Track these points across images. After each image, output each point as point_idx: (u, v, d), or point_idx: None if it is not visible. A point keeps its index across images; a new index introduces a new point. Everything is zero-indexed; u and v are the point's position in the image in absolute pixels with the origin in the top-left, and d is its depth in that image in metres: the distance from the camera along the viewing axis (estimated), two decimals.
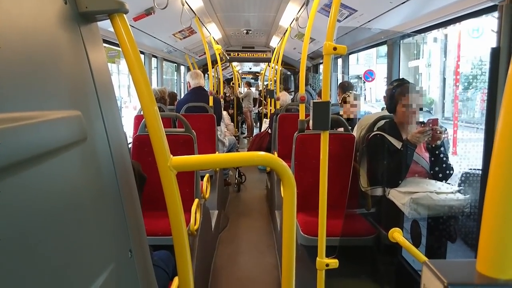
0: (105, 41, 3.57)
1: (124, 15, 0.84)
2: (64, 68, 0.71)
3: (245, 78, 16.14)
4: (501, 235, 0.52)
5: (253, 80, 17.36)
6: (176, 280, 1.56)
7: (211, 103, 4.35)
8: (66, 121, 0.66)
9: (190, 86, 4.51)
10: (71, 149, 0.66)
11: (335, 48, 1.58)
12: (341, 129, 3.02)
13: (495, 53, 1.83)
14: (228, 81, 13.27)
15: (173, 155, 0.90)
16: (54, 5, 0.70)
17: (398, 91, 2.40)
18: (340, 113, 3.46)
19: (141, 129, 2.84)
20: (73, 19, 0.76)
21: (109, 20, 0.84)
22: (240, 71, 15.67)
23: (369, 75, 7.61)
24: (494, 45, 1.86)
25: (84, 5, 0.78)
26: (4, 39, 0.54)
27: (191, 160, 0.94)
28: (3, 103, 0.51)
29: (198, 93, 4.44)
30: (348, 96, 3.50)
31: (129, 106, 9.13)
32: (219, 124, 4.47)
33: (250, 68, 16.25)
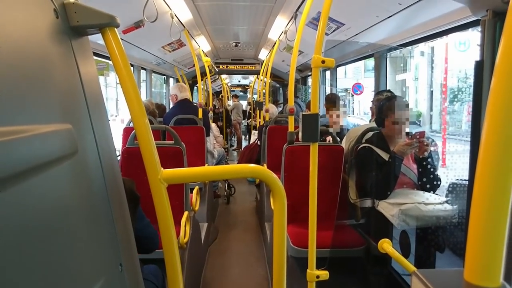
0: (94, 54, 3.56)
1: (115, 29, 0.85)
2: (55, 81, 0.71)
3: (234, 91, 16.19)
4: (487, 244, 0.53)
5: (242, 93, 17.43)
6: None
7: (200, 115, 4.35)
8: (56, 135, 0.66)
9: (176, 99, 4.49)
10: (61, 163, 0.66)
11: (323, 61, 1.61)
12: (329, 138, 3.05)
13: (479, 66, 1.88)
14: (217, 93, 13.31)
15: (163, 168, 0.90)
16: (45, 19, 0.71)
17: (387, 106, 2.44)
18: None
19: (130, 141, 2.82)
20: (64, 33, 0.77)
21: (99, 33, 0.85)
22: (229, 84, 15.73)
23: (357, 88, 7.68)
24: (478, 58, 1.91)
25: (75, 19, 0.78)
26: None
27: (181, 172, 0.94)
28: None
29: (186, 105, 4.44)
30: (331, 109, 3.55)
31: (116, 119, 9.05)
32: (208, 135, 4.46)
33: (239, 81, 16.33)
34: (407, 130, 2.38)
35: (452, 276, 0.56)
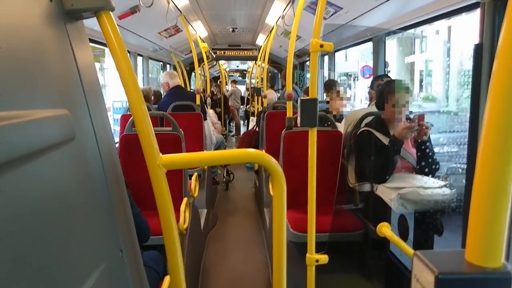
0: (90, 40, 3.53)
1: (110, 12, 0.84)
2: (50, 66, 0.70)
3: (232, 76, 16.10)
4: (488, 225, 0.53)
5: (240, 78, 17.31)
6: (167, 280, 1.55)
7: (198, 102, 4.33)
8: (53, 120, 0.65)
9: (169, 86, 4.43)
10: (59, 149, 0.66)
11: (322, 46, 1.59)
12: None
13: (478, 50, 1.86)
14: (215, 79, 13.21)
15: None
16: (39, 3, 0.69)
17: (387, 90, 2.42)
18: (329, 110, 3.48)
19: (128, 128, 2.80)
20: (59, 17, 0.75)
21: (95, 18, 0.83)
22: (227, 69, 15.62)
23: (366, 71, 7.43)
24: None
25: (69, 3, 0.77)
26: None
27: (180, 158, 0.93)
28: None
29: (180, 92, 4.41)
30: (333, 93, 3.53)
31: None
32: (205, 119, 4.44)
33: (238, 66, 16.21)
34: (409, 114, 2.37)
35: (453, 257, 0.57)
